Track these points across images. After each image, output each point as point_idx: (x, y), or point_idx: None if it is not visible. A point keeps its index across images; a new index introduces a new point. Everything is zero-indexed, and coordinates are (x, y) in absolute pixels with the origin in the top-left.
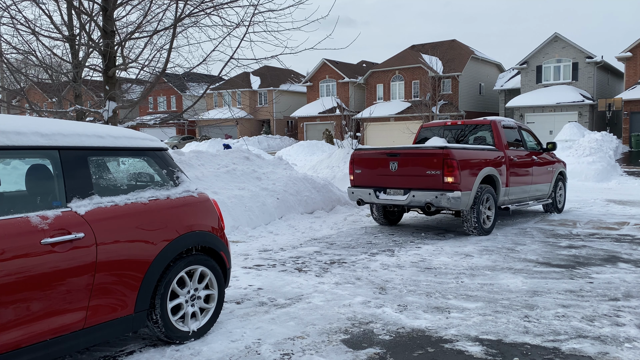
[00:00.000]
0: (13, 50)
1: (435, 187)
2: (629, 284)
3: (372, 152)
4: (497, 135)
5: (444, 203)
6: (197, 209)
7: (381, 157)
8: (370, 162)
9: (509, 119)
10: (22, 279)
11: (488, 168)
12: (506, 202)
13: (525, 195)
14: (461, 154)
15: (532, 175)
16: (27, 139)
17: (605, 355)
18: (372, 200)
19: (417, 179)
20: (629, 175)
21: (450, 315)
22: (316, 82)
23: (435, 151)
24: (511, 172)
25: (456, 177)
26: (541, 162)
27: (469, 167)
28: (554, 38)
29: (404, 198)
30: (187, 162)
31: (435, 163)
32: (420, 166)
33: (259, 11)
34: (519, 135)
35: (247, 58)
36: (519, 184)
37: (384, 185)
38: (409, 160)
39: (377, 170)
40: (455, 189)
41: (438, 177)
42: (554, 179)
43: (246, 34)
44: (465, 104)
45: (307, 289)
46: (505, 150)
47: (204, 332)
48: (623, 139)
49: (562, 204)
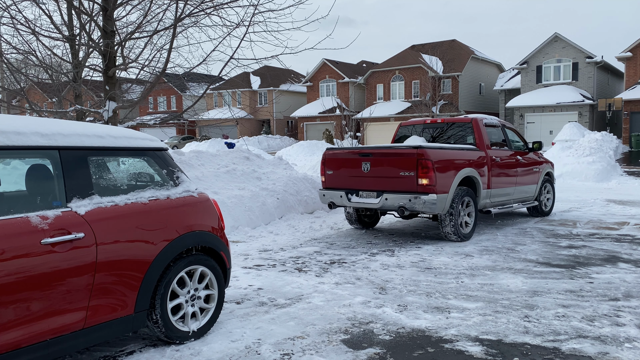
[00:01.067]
0: (13, 50)
1: (409, 189)
2: (629, 284)
3: (344, 152)
4: (478, 134)
5: (419, 206)
6: (197, 209)
7: (353, 158)
8: (342, 162)
9: (492, 116)
10: (22, 279)
11: (467, 169)
12: (488, 205)
13: (509, 198)
14: (437, 153)
15: (517, 176)
16: (27, 139)
17: (605, 355)
18: (344, 204)
19: (391, 181)
20: (629, 175)
21: (450, 315)
22: (316, 82)
23: (408, 151)
24: (493, 173)
25: (431, 179)
26: (526, 163)
27: (446, 167)
28: (554, 38)
29: (376, 201)
30: (187, 162)
31: (409, 163)
32: (393, 167)
33: (259, 11)
34: (503, 134)
35: (247, 58)
36: (502, 186)
37: (357, 187)
38: (381, 161)
39: (349, 172)
40: (431, 191)
41: (412, 178)
42: (540, 181)
43: (246, 34)
44: (465, 104)
45: (307, 289)
46: (487, 150)
47: (204, 332)
48: (623, 139)
49: (549, 207)
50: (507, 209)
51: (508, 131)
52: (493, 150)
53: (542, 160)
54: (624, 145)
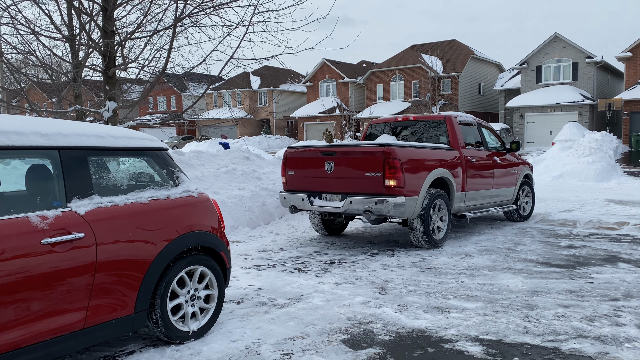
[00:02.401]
0: (13, 50)
1: (376, 191)
2: (629, 284)
3: (306, 150)
4: (452, 133)
5: (385, 210)
6: (197, 209)
7: (316, 157)
8: (304, 162)
9: (467, 114)
10: (22, 279)
11: (440, 170)
12: (462, 208)
13: (485, 201)
14: (406, 152)
15: (494, 178)
16: (27, 139)
17: (605, 355)
18: (305, 207)
19: (356, 182)
20: (629, 175)
21: (450, 315)
22: (316, 82)
23: (374, 149)
24: (468, 175)
25: (399, 180)
26: (504, 164)
27: (416, 168)
28: (554, 38)
29: (340, 204)
30: (187, 162)
31: (375, 163)
32: (358, 167)
33: (259, 11)
34: (479, 133)
35: (247, 58)
36: (478, 188)
37: (320, 190)
38: (346, 160)
39: (312, 172)
40: (399, 193)
41: (379, 179)
42: (518, 183)
43: (246, 34)
44: (465, 104)
45: (307, 289)
46: (462, 149)
47: (204, 332)
48: (623, 139)
49: (528, 211)
50: (483, 213)
51: (484, 130)
52: (468, 150)
53: (520, 161)
54: (624, 145)
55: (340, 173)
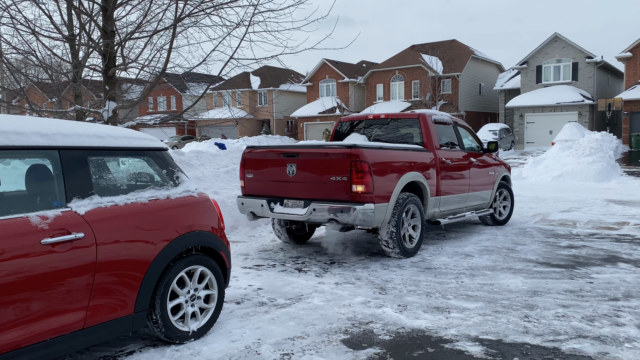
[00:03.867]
0: (13, 50)
1: (342, 197)
2: (629, 284)
3: (267, 151)
4: (426, 132)
5: (352, 219)
6: (197, 209)
7: (277, 159)
8: (264, 164)
9: (443, 112)
10: (22, 279)
11: (412, 173)
12: (437, 214)
13: (461, 206)
14: (375, 154)
15: (470, 181)
16: (27, 139)
17: (605, 355)
18: (265, 214)
19: (320, 187)
20: (629, 175)
21: (450, 315)
22: (316, 82)
23: (340, 151)
24: (443, 178)
25: (368, 185)
26: (481, 165)
27: (387, 171)
28: (554, 38)
29: (303, 212)
30: (187, 162)
31: (341, 166)
32: (323, 170)
33: (259, 11)
34: (455, 132)
35: (247, 58)
36: (454, 192)
37: (281, 195)
38: (309, 163)
39: (273, 175)
40: (367, 200)
41: (345, 184)
42: (496, 185)
43: (246, 34)
44: (465, 104)
45: (307, 289)
46: (437, 150)
47: (203, 332)
48: (623, 139)
49: (506, 215)
50: (458, 218)
51: (460, 129)
52: (443, 151)
53: (497, 162)
54: (624, 145)
55: (304, 177)
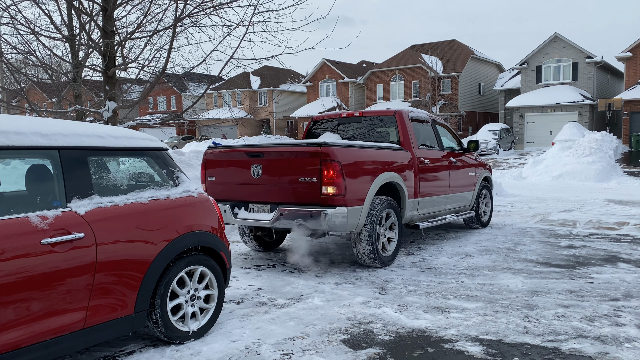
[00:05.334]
0: (13, 50)
1: (311, 201)
2: (629, 284)
3: (229, 151)
4: (403, 131)
5: (322, 224)
6: (197, 209)
7: (241, 159)
8: (227, 165)
9: (420, 110)
10: (22, 279)
11: (388, 174)
12: (416, 217)
13: (442, 208)
14: (348, 153)
15: (450, 182)
16: (27, 139)
17: (605, 355)
18: (228, 220)
19: (288, 190)
20: (629, 175)
21: (450, 315)
22: (316, 82)
23: (309, 149)
24: (422, 178)
25: (339, 187)
26: (461, 166)
27: (360, 172)
28: (554, 38)
29: (269, 217)
30: (187, 162)
31: (310, 166)
32: (290, 171)
33: (259, 11)
34: (433, 131)
35: (247, 58)
36: (433, 194)
37: (245, 199)
38: (276, 163)
39: (237, 178)
40: (339, 203)
41: (314, 186)
42: (477, 186)
43: (246, 34)
44: (465, 104)
45: (307, 289)
46: (414, 150)
47: (203, 332)
48: (623, 139)
49: (487, 216)
50: (439, 222)
51: (439, 128)
52: (421, 150)
53: (478, 163)
54: (624, 145)
55: (270, 178)
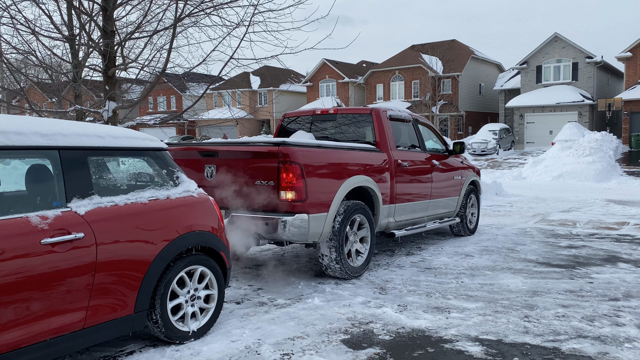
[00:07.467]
0: (13, 50)
1: (268, 207)
2: (629, 284)
3: (182, 149)
4: (379, 130)
5: (280, 233)
6: (197, 209)
7: (193, 159)
8: (181, 164)
9: (400, 108)
10: (22, 279)
11: (360, 177)
12: (392, 225)
13: (422, 215)
14: (310, 154)
15: (432, 186)
16: (27, 139)
17: (605, 355)
18: None
19: (243, 194)
20: (629, 175)
21: (450, 315)
22: (316, 82)
23: (266, 149)
24: (399, 182)
25: (299, 192)
26: (445, 169)
27: (325, 174)
28: (554, 38)
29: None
30: None
31: (268, 168)
32: (246, 173)
33: (258, 11)
34: (415, 131)
35: (247, 58)
36: (412, 199)
37: None
38: (230, 164)
39: (190, 178)
40: (298, 209)
41: (272, 190)
42: (463, 191)
43: (246, 34)
44: (465, 104)
45: (307, 289)
46: (392, 151)
47: (203, 332)
48: (623, 139)
49: (474, 223)
50: (418, 229)
51: (422, 128)
52: (400, 151)
53: (465, 165)
54: (624, 145)
55: (224, 181)
